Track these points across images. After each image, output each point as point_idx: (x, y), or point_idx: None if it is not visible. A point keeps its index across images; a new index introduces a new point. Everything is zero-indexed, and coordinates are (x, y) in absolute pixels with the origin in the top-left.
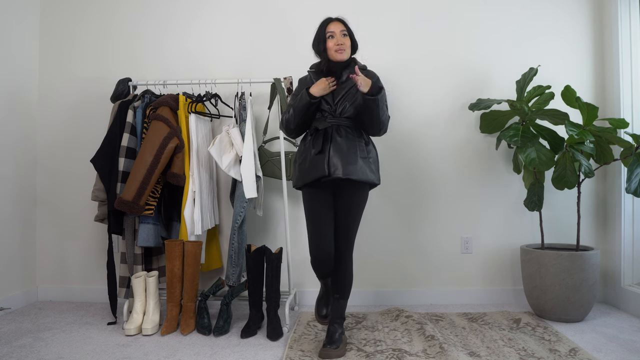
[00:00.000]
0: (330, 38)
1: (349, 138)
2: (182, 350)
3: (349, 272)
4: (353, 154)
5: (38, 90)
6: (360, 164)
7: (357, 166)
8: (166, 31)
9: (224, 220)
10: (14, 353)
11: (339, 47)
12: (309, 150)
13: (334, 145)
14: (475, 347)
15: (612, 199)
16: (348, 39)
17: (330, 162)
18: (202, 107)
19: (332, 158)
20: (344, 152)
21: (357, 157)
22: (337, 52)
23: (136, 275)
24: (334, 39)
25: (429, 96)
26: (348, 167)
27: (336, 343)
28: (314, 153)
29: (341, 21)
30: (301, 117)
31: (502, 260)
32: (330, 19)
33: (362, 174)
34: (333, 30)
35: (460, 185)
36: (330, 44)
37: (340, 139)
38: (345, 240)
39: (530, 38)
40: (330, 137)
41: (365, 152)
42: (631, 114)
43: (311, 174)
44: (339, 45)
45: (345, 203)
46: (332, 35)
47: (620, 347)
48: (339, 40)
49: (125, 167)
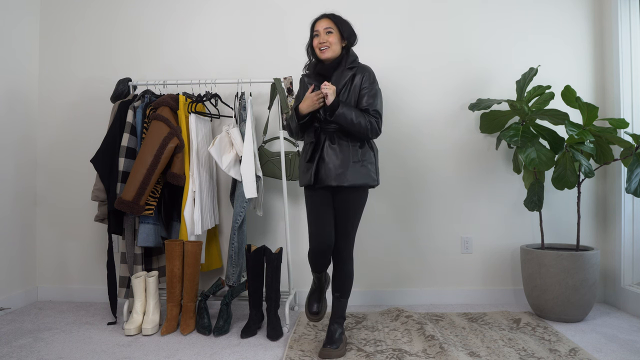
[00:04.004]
0: (315, 37)
1: (341, 144)
2: (182, 350)
3: (349, 271)
4: (345, 160)
5: (38, 90)
6: (352, 169)
7: (348, 173)
8: (166, 31)
9: (224, 220)
10: (14, 353)
11: (321, 45)
12: (304, 156)
13: (326, 153)
14: (475, 347)
15: (612, 199)
16: (333, 35)
17: (318, 172)
18: (202, 107)
19: (321, 167)
20: (336, 159)
21: (349, 163)
22: (321, 52)
23: (136, 275)
24: (318, 37)
25: (429, 96)
26: (339, 174)
27: (336, 343)
28: (305, 160)
29: (328, 17)
30: (300, 130)
31: (502, 260)
32: (319, 17)
33: (354, 179)
34: (317, 28)
35: (460, 185)
36: (315, 43)
37: (332, 146)
38: (345, 239)
39: (530, 38)
40: (322, 145)
41: (359, 155)
42: (631, 114)
43: (303, 179)
44: (321, 43)
45: (342, 206)
46: (317, 34)
47: (620, 347)
48: (322, 38)
49: (125, 167)
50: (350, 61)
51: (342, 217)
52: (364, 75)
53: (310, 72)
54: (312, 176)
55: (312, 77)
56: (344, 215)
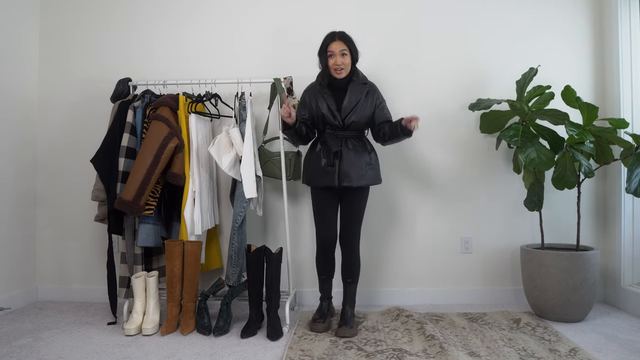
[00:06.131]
0: (330, 57)
1: (357, 150)
2: (182, 351)
3: (357, 257)
4: (361, 164)
5: (38, 90)
6: (367, 172)
7: (365, 175)
8: (166, 31)
9: (224, 220)
10: (14, 353)
11: (337, 67)
12: (320, 159)
13: (344, 159)
14: (475, 347)
15: (612, 199)
16: (348, 57)
17: (340, 175)
18: (202, 107)
19: (342, 171)
20: (353, 164)
21: (364, 166)
22: (336, 72)
23: (136, 275)
24: (334, 59)
25: (429, 96)
26: (358, 177)
27: (350, 323)
28: (324, 164)
29: (342, 39)
30: (298, 139)
31: (502, 260)
32: (333, 37)
33: (368, 180)
34: (333, 50)
35: (460, 185)
36: (330, 63)
37: (349, 152)
38: (353, 228)
39: (530, 38)
40: (340, 151)
41: (369, 159)
42: (631, 114)
43: (322, 181)
44: (337, 65)
45: (350, 202)
46: (332, 55)
47: (620, 347)
48: (337, 60)
49: (125, 167)
50: (362, 77)
51: (349, 212)
52: (375, 93)
53: (324, 84)
54: (336, 178)
55: (328, 91)
56: (351, 210)
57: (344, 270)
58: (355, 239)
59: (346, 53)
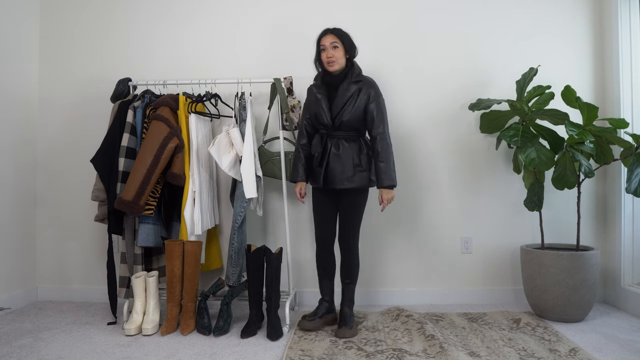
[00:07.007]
0: (322, 51)
1: (345, 150)
2: (182, 351)
3: (354, 258)
4: (349, 165)
5: (38, 90)
6: (355, 173)
7: (352, 176)
8: (166, 31)
9: (224, 220)
10: (14, 353)
11: (329, 60)
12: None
13: (331, 159)
14: (475, 347)
15: (612, 199)
16: (339, 49)
17: (326, 176)
18: (202, 107)
19: (327, 173)
20: (339, 166)
21: (352, 167)
22: (328, 65)
23: (136, 275)
24: (325, 52)
25: (429, 96)
26: (344, 179)
27: (350, 323)
28: (315, 165)
29: (334, 32)
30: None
31: (502, 260)
32: (325, 32)
33: (356, 182)
34: (324, 43)
35: (460, 185)
36: (323, 57)
37: (337, 152)
38: (350, 229)
39: (530, 38)
40: (329, 151)
41: (360, 159)
42: (631, 114)
43: (314, 182)
44: (328, 57)
45: (346, 204)
46: (324, 49)
47: (620, 347)
48: (329, 52)
49: (125, 167)
50: (356, 74)
51: (346, 214)
52: (369, 91)
53: (318, 82)
54: (322, 179)
55: (321, 87)
56: (347, 212)
57: (343, 270)
58: (352, 240)
59: (337, 45)
